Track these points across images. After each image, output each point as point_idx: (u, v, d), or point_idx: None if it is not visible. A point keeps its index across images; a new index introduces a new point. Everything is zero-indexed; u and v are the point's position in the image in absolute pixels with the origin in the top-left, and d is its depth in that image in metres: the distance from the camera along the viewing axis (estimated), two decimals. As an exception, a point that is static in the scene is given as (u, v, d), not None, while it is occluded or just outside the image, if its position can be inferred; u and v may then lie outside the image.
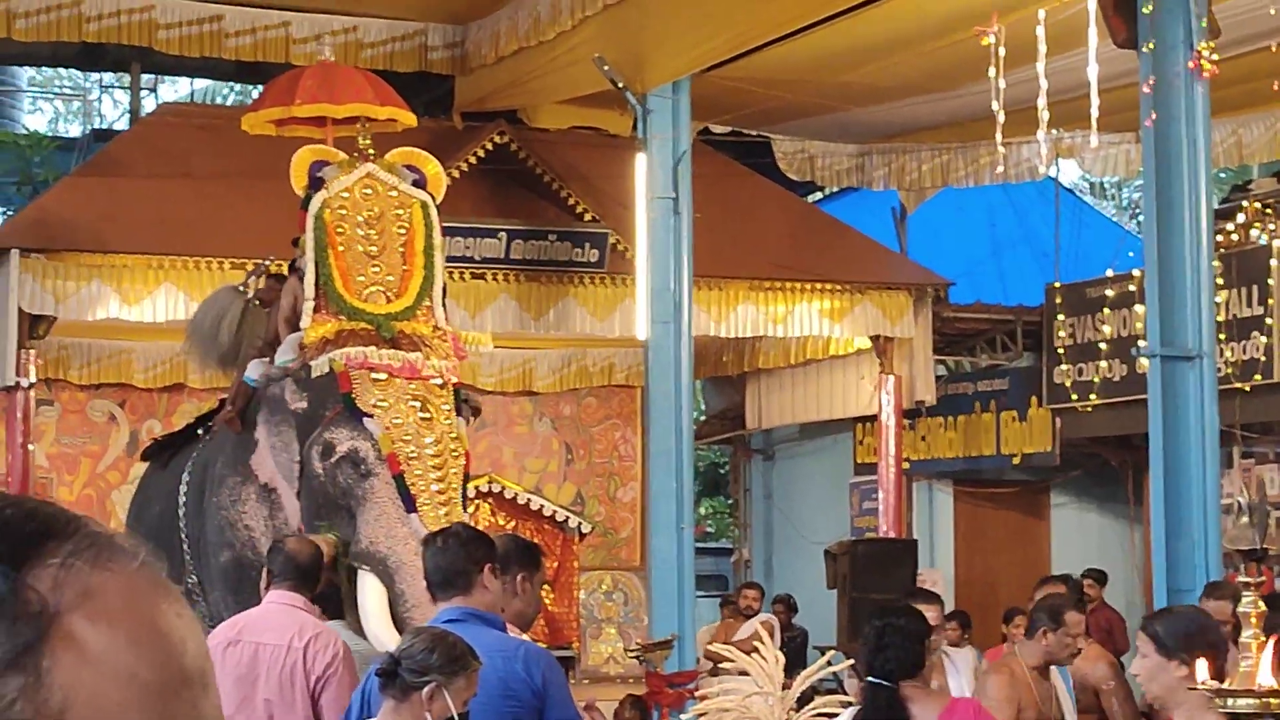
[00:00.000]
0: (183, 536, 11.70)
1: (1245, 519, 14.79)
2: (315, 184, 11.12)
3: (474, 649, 5.44)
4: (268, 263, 11.93)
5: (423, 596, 9.62)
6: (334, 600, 8.76)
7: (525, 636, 6.71)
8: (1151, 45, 10.94)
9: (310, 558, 8.19)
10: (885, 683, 6.51)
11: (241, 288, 11.86)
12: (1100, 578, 17.31)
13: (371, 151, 11.41)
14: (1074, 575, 15.31)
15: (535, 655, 6.29)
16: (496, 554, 6.57)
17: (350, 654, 7.78)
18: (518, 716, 6.01)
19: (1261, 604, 5.47)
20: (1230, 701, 5.13)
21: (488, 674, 5.70)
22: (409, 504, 10.25)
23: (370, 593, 9.73)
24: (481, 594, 6.39)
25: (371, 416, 10.45)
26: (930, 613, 7.99)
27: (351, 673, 7.63)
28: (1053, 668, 8.62)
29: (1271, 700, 5.17)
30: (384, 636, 9.06)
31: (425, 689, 5.55)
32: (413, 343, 10.83)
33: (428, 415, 10.56)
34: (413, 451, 10.37)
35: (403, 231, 11.19)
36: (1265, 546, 11.09)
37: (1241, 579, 5.94)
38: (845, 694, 8.53)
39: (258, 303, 11.70)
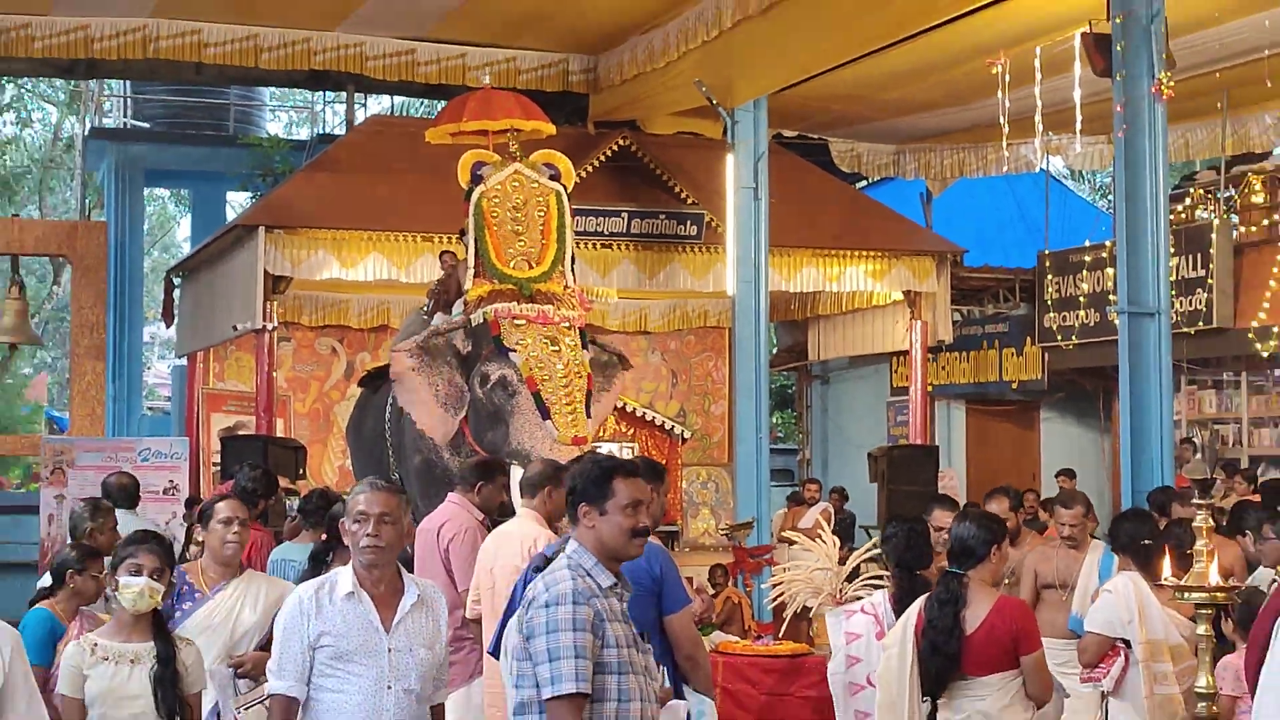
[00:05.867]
0: (388, 444, 11.92)
1: (1199, 456, 14.60)
2: (476, 179, 11.32)
3: None
4: (436, 288, 12.13)
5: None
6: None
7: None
8: (1123, 74, 10.77)
9: (463, 468, 8.45)
10: (956, 570, 6.37)
11: (423, 310, 12.00)
12: (1070, 474, 17.16)
13: (518, 154, 11.48)
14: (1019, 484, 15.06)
15: (655, 551, 6.23)
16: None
17: (473, 530, 7.87)
18: (642, 599, 5.89)
19: (1211, 520, 5.35)
20: (1187, 595, 5.04)
21: (624, 566, 5.64)
22: (544, 413, 10.59)
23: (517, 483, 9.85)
24: (610, 503, 6.35)
25: (515, 351, 10.67)
26: (947, 516, 7.86)
27: (471, 540, 7.75)
28: None
29: (1219, 594, 5.06)
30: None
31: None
32: (546, 298, 11.10)
33: (557, 349, 10.84)
34: (546, 375, 10.65)
35: (541, 214, 11.33)
36: (1213, 477, 10.86)
37: (1195, 501, 5.82)
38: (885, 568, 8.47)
39: (432, 308, 11.93)
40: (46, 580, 6.98)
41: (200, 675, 5.53)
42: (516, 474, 9.68)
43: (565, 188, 11.46)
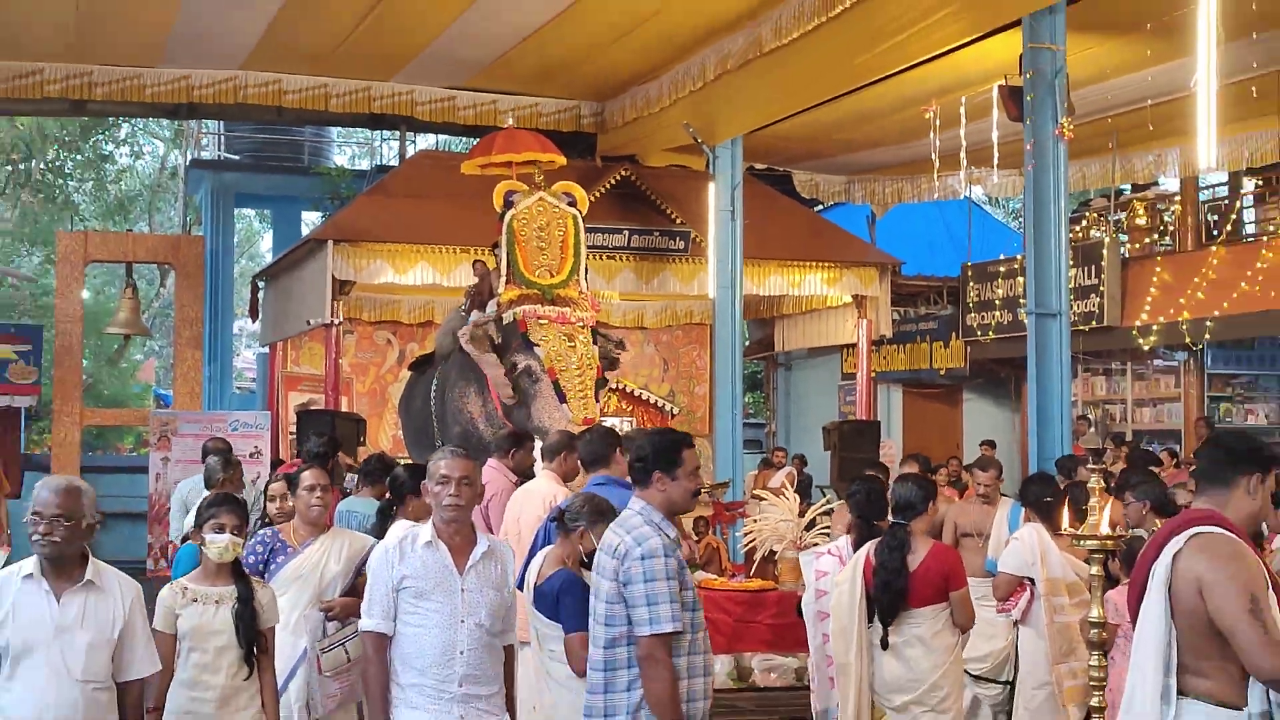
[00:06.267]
0: (433, 416, 11.89)
1: (1093, 430, 14.62)
2: (508, 204, 11.26)
3: (614, 508, 5.35)
4: (476, 276, 11.95)
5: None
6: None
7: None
8: (1032, 119, 10.80)
9: (498, 438, 8.43)
10: (901, 521, 6.41)
11: (461, 309, 11.96)
12: (992, 444, 17.22)
13: (542, 184, 11.47)
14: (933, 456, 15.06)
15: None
16: (621, 442, 6.56)
17: (508, 489, 7.84)
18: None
19: (1101, 482, 5.38)
20: (1083, 542, 5.08)
21: (623, 515, 5.66)
22: (561, 397, 10.58)
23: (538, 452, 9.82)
24: (615, 467, 6.43)
25: (538, 346, 10.63)
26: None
27: (506, 498, 7.70)
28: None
29: (1108, 541, 5.10)
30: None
31: (577, 530, 5.53)
32: (564, 301, 11.05)
33: (573, 344, 10.80)
34: (563, 367, 10.61)
35: (560, 233, 11.31)
36: (1104, 446, 10.91)
37: (1089, 467, 5.85)
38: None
39: (469, 307, 11.75)
40: (191, 520, 7.07)
41: (274, 612, 5.48)
42: (537, 444, 9.81)
43: (580, 212, 11.48)
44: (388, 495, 7.01)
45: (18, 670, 4.29)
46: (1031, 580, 7.38)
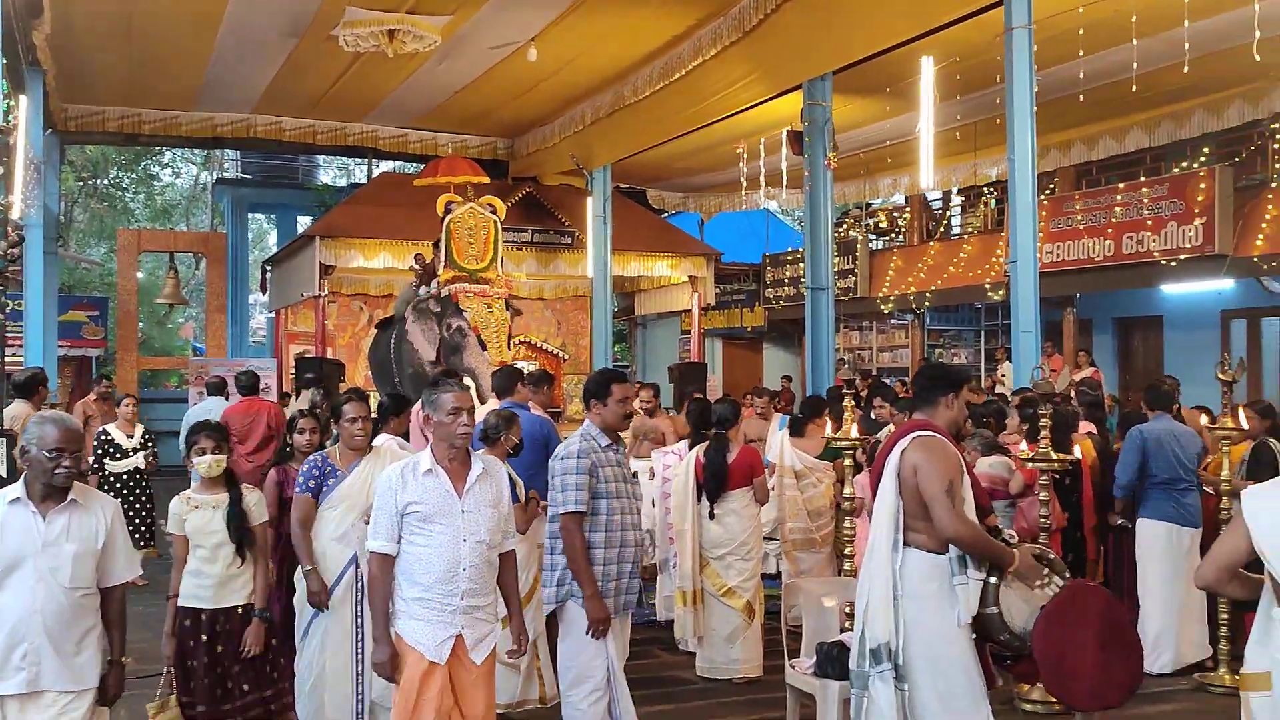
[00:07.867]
0: (393, 362, 11.62)
1: (848, 367, 14.90)
2: (447, 211, 11.01)
3: (518, 418, 5.32)
4: (417, 265, 11.35)
5: (485, 383, 9.47)
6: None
7: (543, 412, 6.59)
8: (809, 154, 10.88)
9: (434, 376, 8.01)
10: (720, 430, 6.44)
11: (414, 283, 11.68)
12: (789, 378, 17.42)
13: (472, 197, 11.24)
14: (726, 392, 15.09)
15: (545, 421, 6.21)
16: (524, 378, 6.46)
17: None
18: (538, 449, 5.87)
19: (853, 402, 5.46)
20: (841, 441, 5.14)
21: (527, 429, 5.59)
22: (483, 348, 10.29)
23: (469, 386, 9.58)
24: (519, 394, 6.30)
25: (467, 311, 10.44)
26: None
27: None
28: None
29: (856, 441, 5.17)
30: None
31: (499, 437, 5.46)
32: (486, 281, 10.85)
33: (491, 310, 10.63)
34: (484, 326, 10.44)
35: (485, 232, 11.12)
36: (854, 378, 11.09)
37: (844, 392, 5.93)
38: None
39: (418, 284, 11.37)
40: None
41: (261, 511, 4.81)
42: (468, 380, 9.67)
43: (498, 217, 11.31)
44: (373, 416, 6.70)
45: (8, 581, 3.54)
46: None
